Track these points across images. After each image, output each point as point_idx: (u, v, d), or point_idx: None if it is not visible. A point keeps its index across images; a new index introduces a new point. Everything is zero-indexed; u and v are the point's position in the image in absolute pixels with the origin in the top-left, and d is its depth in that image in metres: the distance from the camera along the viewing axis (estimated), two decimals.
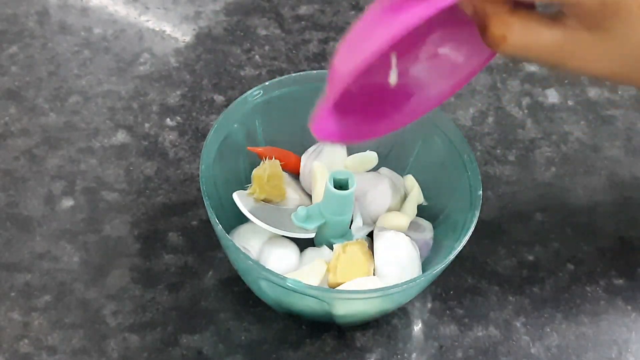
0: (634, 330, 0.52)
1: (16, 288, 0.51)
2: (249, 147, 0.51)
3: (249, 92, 0.51)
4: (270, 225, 0.48)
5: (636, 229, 0.58)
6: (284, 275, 0.44)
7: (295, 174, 0.53)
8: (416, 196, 0.52)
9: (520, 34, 0.34)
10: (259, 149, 0.51)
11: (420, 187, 0.52)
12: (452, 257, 0.44)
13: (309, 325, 0.51)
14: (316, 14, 0.70)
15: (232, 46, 0.67)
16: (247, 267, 0.45)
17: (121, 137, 0.60)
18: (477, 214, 0.46)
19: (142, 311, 0.51)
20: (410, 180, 0.53)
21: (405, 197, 0.52)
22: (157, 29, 0.68)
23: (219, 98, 0.63)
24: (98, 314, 0.50)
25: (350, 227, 0.49)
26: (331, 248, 0.48)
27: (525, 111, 0.65)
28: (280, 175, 0.51)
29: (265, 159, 0.50)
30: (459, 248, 0.44)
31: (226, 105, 0.60)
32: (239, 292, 0.52)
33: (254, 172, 0.50)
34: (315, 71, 0.53)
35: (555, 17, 0.33)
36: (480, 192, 0.47)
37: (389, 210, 0.51)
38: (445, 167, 0.50)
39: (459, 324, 0.52)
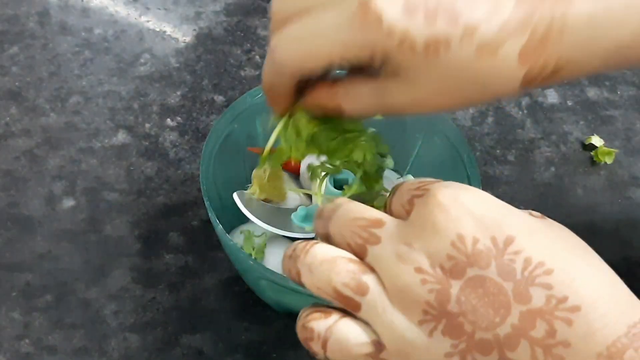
0: None
1: (17, 288, 0.51)
2: (249, 148, 0.51)
3: (249, 92, 0.51)
4: (270, 225, 0.48)
5: (636, 229, 0.58)
6: (284, 275, 0.44)
7: (295, 174, 0.53)
8: None
9: (349, 102, 0.37)
10: (259, 149, 0.51)
11: None
12: None
13: None
14: None
15: (232, 46, 0.67)
16: (247, 267, 0.45)
17: (122, 137, 0.60)
18: None
19: (143, 311, 0.51)
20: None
21: None
22: (158, 30, 0.68)
23: (219, 98, 0.63)
24: (99, 314, 0.50)
25: None
26: None
27: (525, 111, 0.65)
28: (280, 175, 0.51)
29: None
30: None
31: (226, 106, 0.60)
32: (239, 292, 0.52)
33: (254, 172, 0.50)
34: None
35: (370, 75, 0.37)
36: None
37: None
38: (445, 167, 0.51)
39: None
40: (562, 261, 0.28)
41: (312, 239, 0.50)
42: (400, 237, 0.30)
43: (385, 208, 0.34)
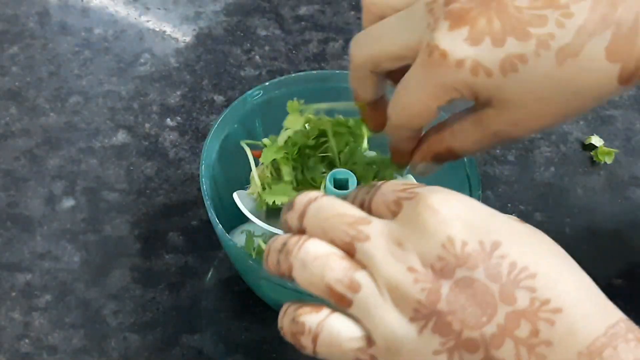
0: None
1: (17, 288, 0.51)
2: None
3: (249, 92, 0.51)
4: (270, 225, 0.48)
5: (636, 229, 0.58)
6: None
7: None
8: None
9: (458, 142, 0.40)
10: (258, 153, 0.51)
11: None
12: None
13: None
14: (316, 14, 0.70)
15: (232, 46, 0.67)
16: (247, 267, 0.45)
17: (121, 137, 0.60)
18: None
19: (143, 311, 0.51)
20: (410, 181, 0.53)
21: None
22: (158, 30, 0.68)
23: (219, 98, 0.63)
24: (98, 314, 0.50)
25: None
26: None
27: None
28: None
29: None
30: None
31: (226, 105, 0.60)
32: (239, 292, 0.52)
33: (252, 172, 0.50)
34: (315, 71, 0.54)
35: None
36: (480, 192, 0.47)
37: None
38: (445, 167, 0.50)
39: None
40: (544, 266, 0.29)
41: None
42: (390, 237, 0.31)
43: (358, 205, 0.34)
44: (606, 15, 0.33)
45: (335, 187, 0.46)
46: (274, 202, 0.48)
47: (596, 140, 0.62)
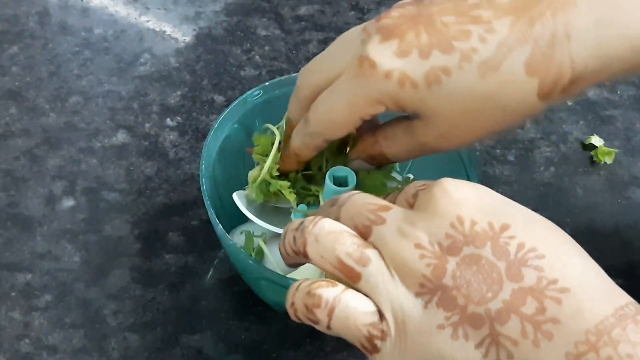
0: None
1: (17, 288, 0.51)
2: (248, 149, 0.51)
3: (249, 92, 0.51)
4: (270, 224, 0.48)
5: (636, 229, 0.58)
6: (284, 275, 0.44)
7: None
8: None
9: (389, 147, 0.42)
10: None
11: None
12: None
13: (309, 325, 0.51)
14: (316, 14, 0.70)
15: (232, 46, 0.67)
16: (247, 267, 0.45)
17: (121, 137, 0.60)
18: None
19: (143, 311, 0.51)
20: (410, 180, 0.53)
21: None
22: (158, 30, 0.68)
23: (219, 98, 0.63)
24: (98, 314, 0.50)
25: None
26: None
27: None
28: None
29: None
30: None
31: (226, 105, 0.60)
32: (239, 292, 0.52)
33: (249, 173, 0.50)
34: None
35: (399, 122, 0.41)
36: None
37: None
38: (445, 167, 0.50)
39: None
40: (553, 249, 0.30)
41: None
42: (404, 219, 0.32)
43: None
44: (525, 32, 0.35)
45: (334, 184, 0.46)
46: (273, 202, 0.48)
47: (596, 140, 0.62)
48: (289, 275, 0.46)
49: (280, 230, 0.48)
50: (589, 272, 0.30)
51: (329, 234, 0.32)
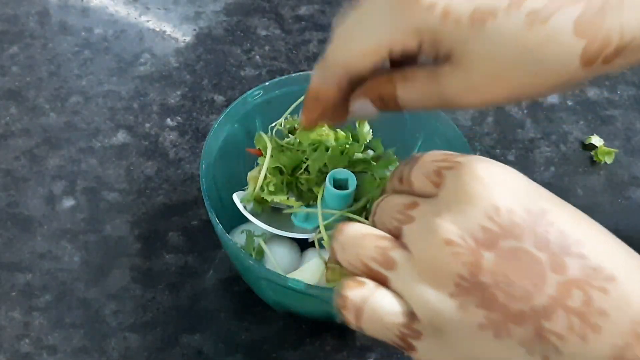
0: None
1: (17, 288, 0.51)
2: (247, 149, 0.51)
3: (249, 92, 0.51)
4: (270, 225, 0.48)
5: (636, 229, 0.58)
6: (284, 275, 0.44)
7: None
8: None
9: (404, 91, 0.37)
10: (258, 151, 0.51)
11: None
12: None
13: (309, 325, 0.51)
14: (316, 14, 0.70)
15: (232, 46, 0.67)
16: (247, 267, 0.45)
17: (121, 137, 0.60)
18: None
19: (143, 311, 0.51)
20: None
21: None
22: (158, 29, 0.68)
23: (219, 98, 0.63)
24: (98, 314, 0.50)
25: None
26: None
27: (525, 111, 0.65)
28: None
29: None
30: None
31: (226, 105, 0.60)
32: (239, 292, 0.52)
33: (249, 174, 0.50)
34: None
35: (423, 65, 0.37)
36: None
37: None
38: None
39: None
40: (593, 234, 0.29)
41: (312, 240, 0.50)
42: (432, 212, 0.30)
43: (398, 180, 0.34)
44: None
45: (335, 187, 0.46)
46: (273, 202, 0.48)
47: (596, 140, 0.62)
48: (289, 275, 0.46)
49: (279, 231, 0.48)
50: (631, 258, 0.28)
51: (352, 240, 0.31)
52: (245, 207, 0.48)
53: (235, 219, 0.49)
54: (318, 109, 0.40)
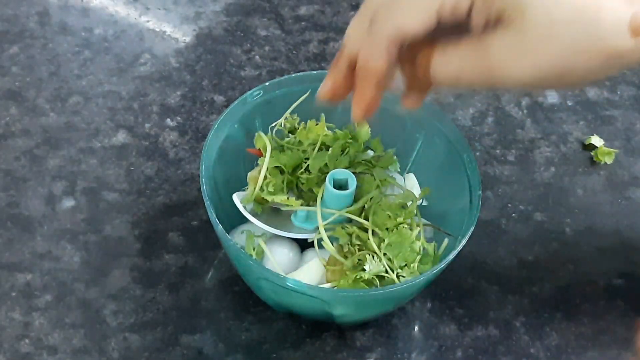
0: (634, 330, 0.52)
1: (17, 288, 0.51)
2: (248, 149, 0.51)
3: (249, 92, 0.51)
4: (270, 225, 0.48)
5: (636, 229, 0.58)
6: (284, 275, 0.44)
7: None
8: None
9: (442, 62, 0.36)
10: (258, 151, 0.51)
11: (420, 187, 0.53)
12: (451, 257, 0.44)
13: (309, 325, 0.51)
14: (316, 14, 0.70)
15: (232, 46, 0.67)
16: (247, 267, 0.45)
17: (122, 137, 0.60)
18: (477, 214, 0.46)
19: (143, 311, 0.51)
20: (411, 180, 0.53)
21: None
22: (158, 30, 0.68)
23: (219, 98, 0.63)
24: (98, 314, 0.50)
25: None
26: None
27: (525, 111, 0.65)
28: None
29: None
30: (459, 248, 0.44)
31: (226, 106, 0.60)
32: (239, 292, 0.52)
33: (249, 174, 0.50)
34: (315, 71, 0.54)
35: (464, 37, 0.36)
36: (480, 192, 0.47)
37: None
38: (445, 167, 0.51)
39: (458, 323, 0.52)
40: None
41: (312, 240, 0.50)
42: None
43: None
44: None
45: (335, 187, 0.46)
46: (273, 202, 0.48)
47: (596, 140, 0.62)
48: (289, 275, 0.46)
49: (279, 232, 0.48)
50: None
51: None
52: (245, 207, 0.48)
53: (235, 219, 0.49)
54: (371, 85, 0.38)
